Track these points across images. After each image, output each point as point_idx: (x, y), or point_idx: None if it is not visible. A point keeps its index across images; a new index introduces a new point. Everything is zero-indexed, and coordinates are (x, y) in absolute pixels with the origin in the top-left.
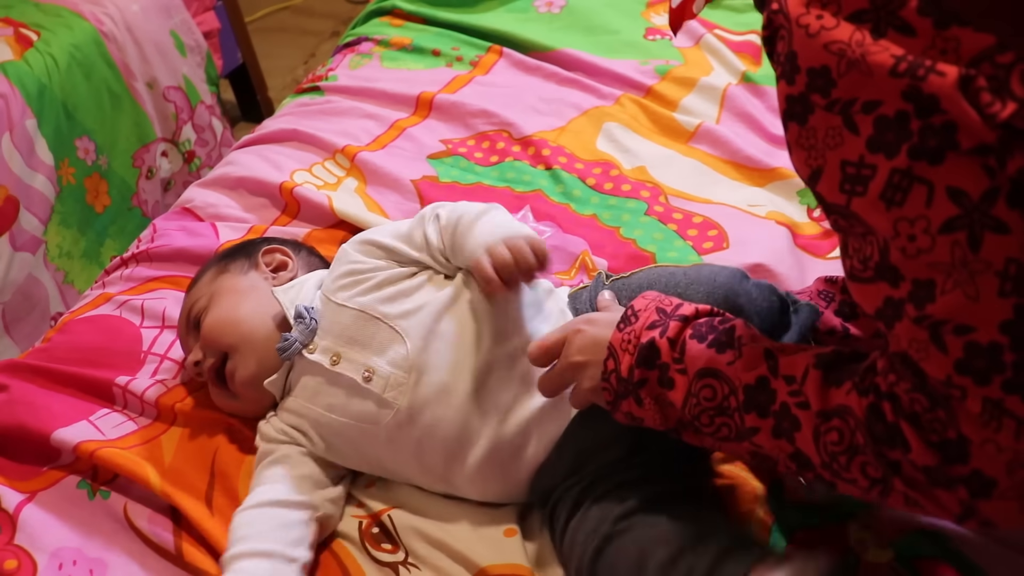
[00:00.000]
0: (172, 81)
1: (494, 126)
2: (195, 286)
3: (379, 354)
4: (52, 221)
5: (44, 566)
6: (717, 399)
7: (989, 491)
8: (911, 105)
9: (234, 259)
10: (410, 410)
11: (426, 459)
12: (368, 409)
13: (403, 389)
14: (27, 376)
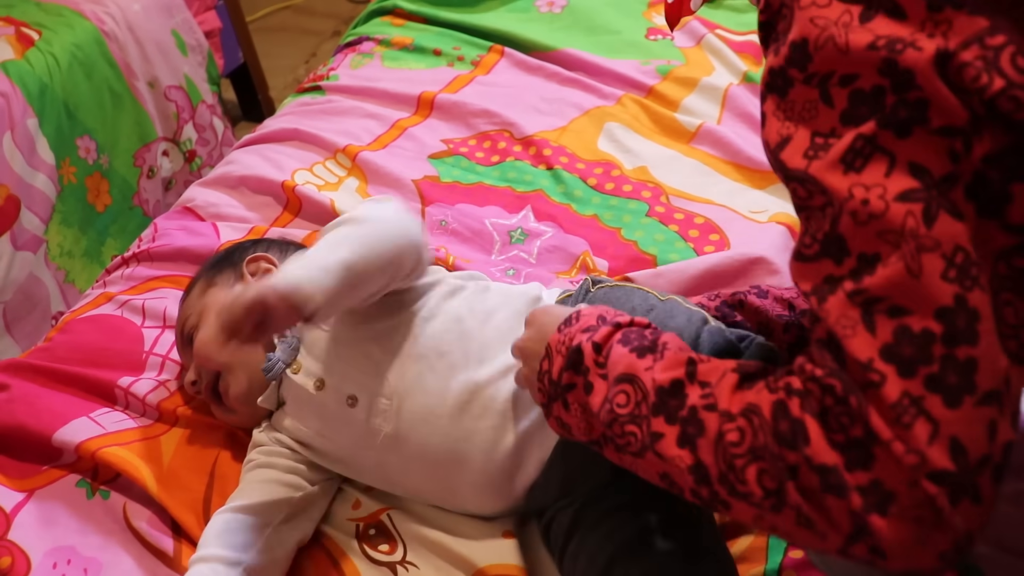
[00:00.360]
0: (173, 80)
1: (495, 126)
2: (186, 299)
3: (360, 380)
4: (53, 220)
5: (38, 564)
6: (629, 405)
7: (885, 506)
8: (887, 80)
9: (220, 271)
10: (396, 436)
11: (419, 480)
12: (356, 433)
13: (387, 415)
14: (29, 376)
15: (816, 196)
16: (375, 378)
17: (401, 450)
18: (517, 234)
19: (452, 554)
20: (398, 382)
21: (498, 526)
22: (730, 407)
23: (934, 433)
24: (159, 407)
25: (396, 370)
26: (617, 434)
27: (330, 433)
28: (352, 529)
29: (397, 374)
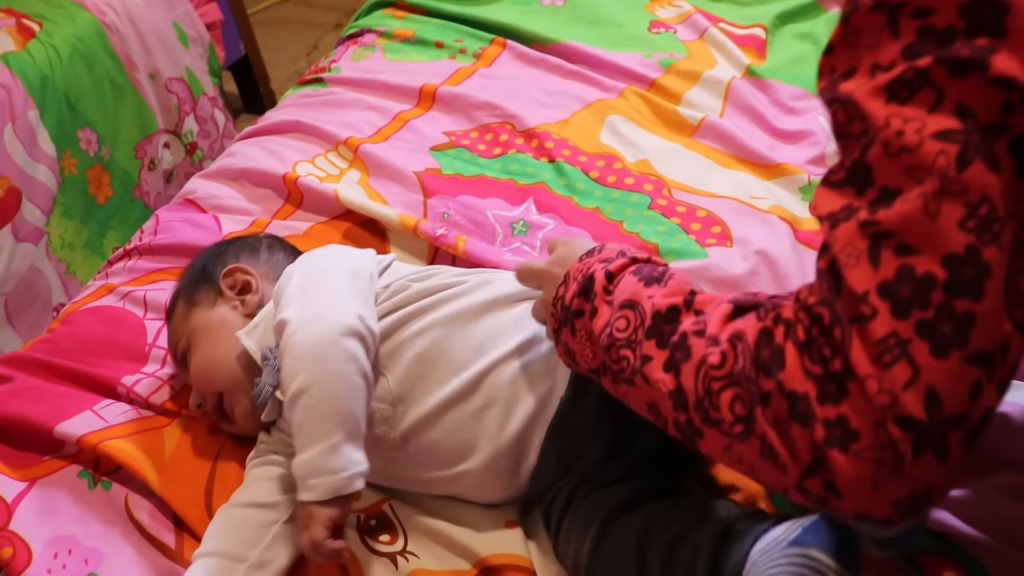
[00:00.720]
0: (174, 72)
1: (497, 118)
2: (171, 319)
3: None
4: (54, 212)
5: (39, 554)
6: (628, 330)
7: (847, 442)
8: (965, 22)
9: (199, 288)
10: (403, 440)
11: (426, 476)
12: (369, 443)
13: (392, 422)
14: (31, 369)
15: (855, 122)
16: (377, 388)
17: (408, 452)
18: (519, 226)
19: (454, 543)
20: (399, 388)
21: (501, 515)
22: (718, 333)
23: (912, 379)
24: (163, 406)
25: (395, 376)
26: (613, 359)
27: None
28: (353, 521)
29: (397, 380)
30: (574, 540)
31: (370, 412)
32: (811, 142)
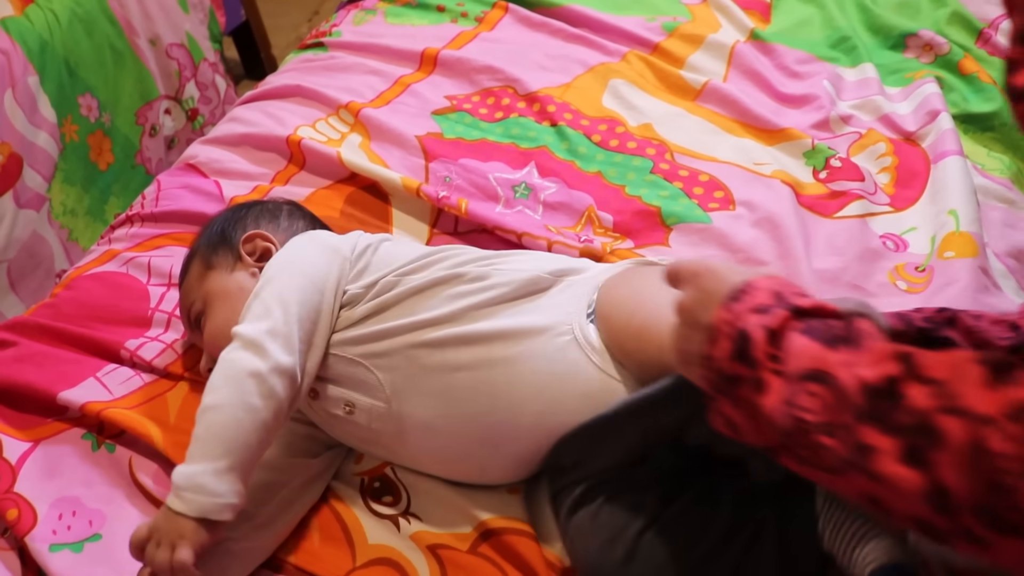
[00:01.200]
0: (175, 38)
1: (499, 82)
2: (185, 280)
3: (356, 388)
4: (56, 179)
5: (44, 515)
6: (822, 412)
7: None
8: None
9: (217, 251)
10: (400, 435)
11: (430, 466)
12: (361, 433)
13: (387, 420)
14: (34, 334)
15: None
16: (369, 384)
17: (407, 445)
18: (521, 189)
19: (455, 506)
20: (392, 387)
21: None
22: (987, 409)
23: None
24: (166, 370)
25: (387, 376)
26: (802, 444)
27: (337, 431)
28: (357, 484)
29: (389, 380)
30: (595, 548)
31: (367, 408)
32: (815, 106)
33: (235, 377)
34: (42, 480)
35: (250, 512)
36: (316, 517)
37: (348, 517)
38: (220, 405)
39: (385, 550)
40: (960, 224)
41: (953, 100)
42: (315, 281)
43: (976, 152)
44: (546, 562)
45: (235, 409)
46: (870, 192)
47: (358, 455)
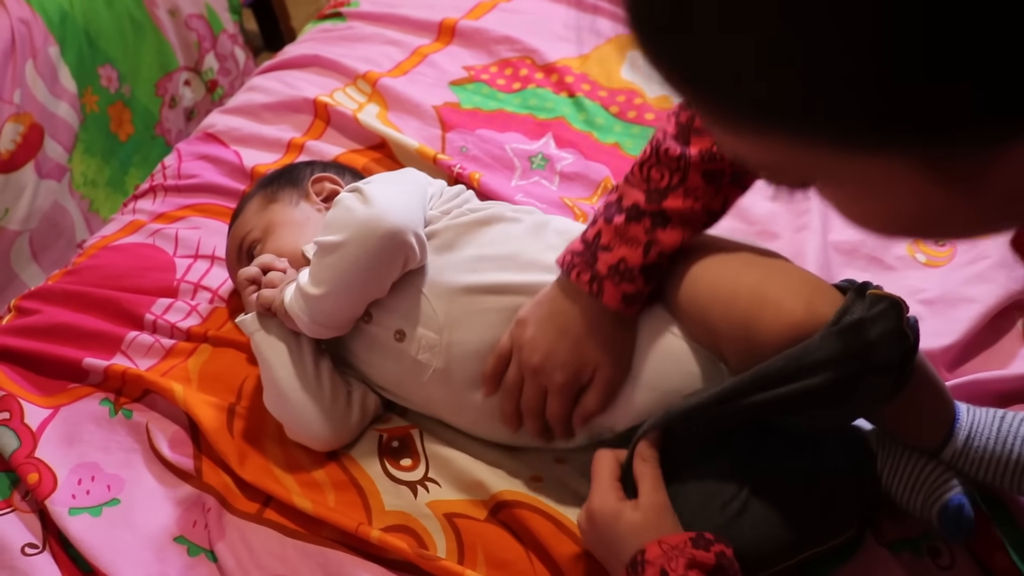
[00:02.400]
0: (194, 9)
1: (517, 53)
2: (241, 215)
3: (408, 314)
4: (76, 149)
5: (64, 480)
6: None
7: None
8: None
9: (281, 188)
10: (447, 370)
11: (468, 415)
12: (405, 367)
13: (436, 351)
14: (58, 301)
15: None
16: (422, 312)
17: (451, 384)
18: (538, 160)
19: (474, 477)
20: (446, 316)
21: (524, 470)
22: None
23: None
24: (189, 332)
25: (443, 304)
26: None
27: (378, 360)
28: (375, 440)
29: (445, 308)
30: (708, 510)
31: (418, 336)
32: None
33: (365, 223)
34: (62, 446)
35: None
36: (331, 480)
37: (365, 482)
38: (344, 244)
39: (401, 516)
40: None
41: None
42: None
43: None
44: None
45: (358, 254)
46: None
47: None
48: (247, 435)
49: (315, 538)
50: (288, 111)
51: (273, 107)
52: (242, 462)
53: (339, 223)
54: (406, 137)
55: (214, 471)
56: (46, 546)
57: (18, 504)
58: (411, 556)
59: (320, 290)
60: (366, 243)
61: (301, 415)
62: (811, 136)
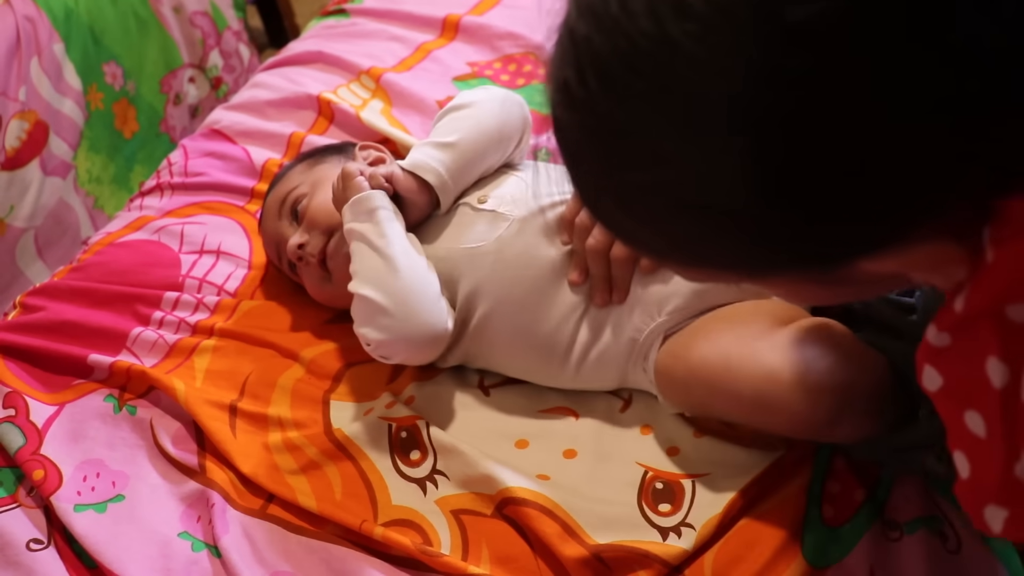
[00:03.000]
0: (198, 6)
1: (521, 48)
2: (286, 176)
3: (495, 184)
4: (81, 146)
5: (69, 476)
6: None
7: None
8: None
9: (328, 154)
10: (525, 220)
11: (532, 278)
12: (479, 229)
13: (520, 201)
14: (64, 297)
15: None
16: (508, 182)
17: (523, 237)
18: (542, 154)
19: (481, 470)
20: (532, 179)
21: (534, 467)
22: None
23: None
24: (195, 327)
25: (529, 175)
26: None
27: (448, 237)
28: (385, 431)
29: (530, 177)
30: None
31: (500, 196)
32: None
33: (496, 96)
34: (67, 443)
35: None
36: (340, 473)
37: (373, 476)
38: (473, 103)
39: (408, 512)
40: None
41: None
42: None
43: None
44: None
45: (487, 114)
46: None
47: (388, 400)
48: (251, 432)
49: (319, 533)
50: (292, 107)
51: (277, 104)
52: (245, 459)
53: (471, 93)
54: (408, 136)
55: (218, 467)
56: (51, 542)
57: (23, 500)
58: (414, 552)
59: (453, 137)
60: (502, 103)
61: (420, 302)
62: (731, 273)
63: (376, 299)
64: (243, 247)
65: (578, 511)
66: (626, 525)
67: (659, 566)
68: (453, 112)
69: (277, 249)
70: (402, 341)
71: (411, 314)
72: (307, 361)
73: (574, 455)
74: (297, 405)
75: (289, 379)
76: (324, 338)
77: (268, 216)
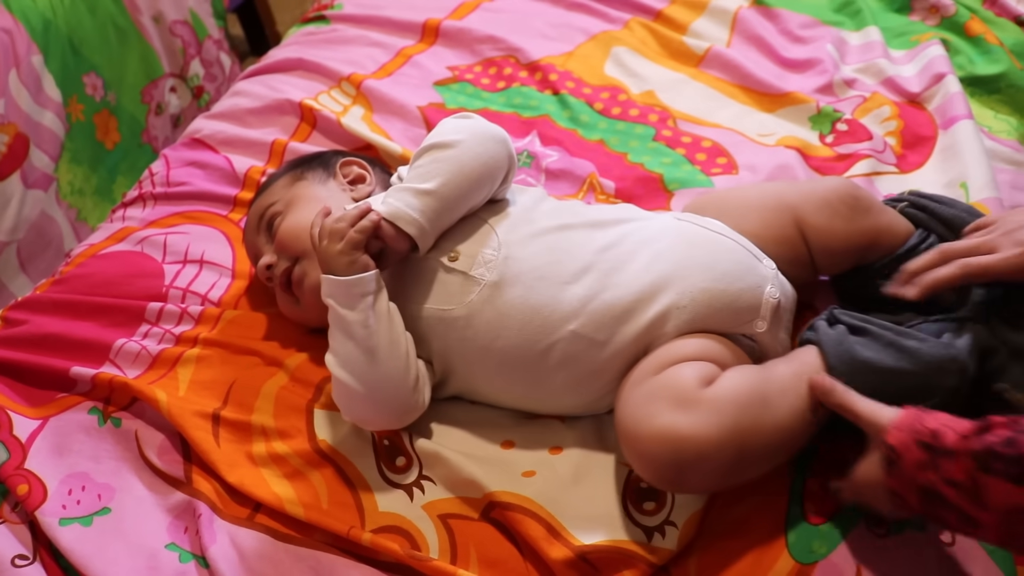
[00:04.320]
0: (178, 15)
1: (501, 52)
2: (268, 190)
3: (468, 237)
4: (63, 158)
5: (54, 490)
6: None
7: None
8: None
9: (311, 168)
10: (498, 285)
11: (504, 344)
12: (451, 289)
13: (492, 265)
14: (47, 310)
15: None
16: (483, 234)
17: (495, 303)
18: (523, 157)
19: (465, 478)
20: (507, 236)
21: (519, 465)
22: None
23: None
24: (179, 337)
25: (506, 228)
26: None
27: (419, 295)
28: (368, 438)
29: (507, 231)
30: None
31: (472, 254)
32: (819, 71)
33: (478, 131)
34: (52, 457)
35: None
36: (325, 481)
37: (359, 483)
38: (458, 143)
39: (395, 518)
40: (970, 195)
41: (959, 63)
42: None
43: (983, 115)
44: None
45: (470, 157)
46: (879, 151)
47: None
48: (234, 441)
49: (307, 541)
50: (274, 114)
51: (258, 111)
52: (230, 469)
53: (455, 128)
54: (390, 142)
55: (204, 477)
56: (36, 557)
57: (8, 516)
58: (403, 557)
59: (433, 183)
60: (484, 142)
61: (397, 390)
62: None
63: (353, 386)
64: (226, 256)
65: (563, 512)
66: (611, 525)
67: (645, 566)
68: (434, 151)
69: (255, 262)
70: (376, 420)
71: (387, 400)
72: (291, 369)
73: (559, 451)
74: (280, 413)
75: (273, 386)
76: (308, 347)
77: (248, 228)
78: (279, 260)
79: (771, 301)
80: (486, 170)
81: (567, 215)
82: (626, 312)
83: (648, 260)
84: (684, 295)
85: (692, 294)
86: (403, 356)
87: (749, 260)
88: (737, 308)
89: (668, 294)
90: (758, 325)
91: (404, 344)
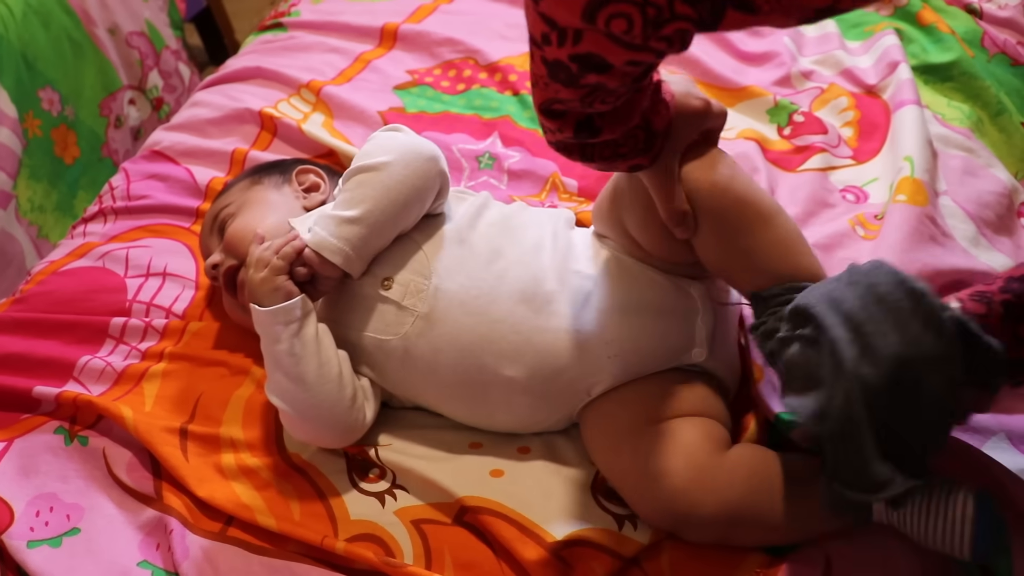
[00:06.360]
0: (134, 27)
1: (460, 54)
2: (226, 193)
3: (400, 263)
4: (21, 175)
5: (21, 512)
6: None
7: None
8: None
9: (269, 173)
10: (429, 318)
11: (445, 374)
12: (387, 319)
13: (423, 296)
14: (8, 331)
15: None
16: (417, 262)
17: (429, 337)
18: (485, 159)
19: (435, 484)
20: (438, 263)
21: (486, 464)
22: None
23: None
24: (145, 353)
25: (437, 253)
26: None
27: (357, 323)
28: (342, 454)
29: (438, 256)
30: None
31: (405, 282)
32: (776, 63)
33: (407, 150)
34: (18, 478)
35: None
36: (297, 492)
37: (330, 493)
38: (388, 165)
39: (368, 525)
40: (915, 170)
41: (913, 51)
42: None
43: (936, 102)
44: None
45: (400, 179)
46: (833, 145)
47: None
48: (203, 454)
49: (281, 553)
50: (234, 123)
51: (218, 121)
52: (200, 483)
53: (382, 147)
54: (351, 147)
55: (174, 493)
56: None
57: None
58: (378, 564)
59: (358, 210)
60: (412, 163)
61: (332, 413)
62: None
63: (289, 412)
64: (190, 268)
65: (533, 510)
66: (581, 516)
67: (617, 560)
68: (361, 175)
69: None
70: (321, 440)
71: (324, 423)
72: (258, 376)
73: (528, 451)
74: (249, 424)
75: (241, 396)
76: None
77: (203, 229)
78: (224, 259)
79: (703, 328)
80: (414, 192)
81: (502, 237)
82: (558, 362)
83: (578, 308)
84: (613, 345)
85: (621, 343)
86: (334, 379)
87: (675, 292)
88: (669, 346)
89: (599, 346)
90: (696, 354)
91: (336, 366)
